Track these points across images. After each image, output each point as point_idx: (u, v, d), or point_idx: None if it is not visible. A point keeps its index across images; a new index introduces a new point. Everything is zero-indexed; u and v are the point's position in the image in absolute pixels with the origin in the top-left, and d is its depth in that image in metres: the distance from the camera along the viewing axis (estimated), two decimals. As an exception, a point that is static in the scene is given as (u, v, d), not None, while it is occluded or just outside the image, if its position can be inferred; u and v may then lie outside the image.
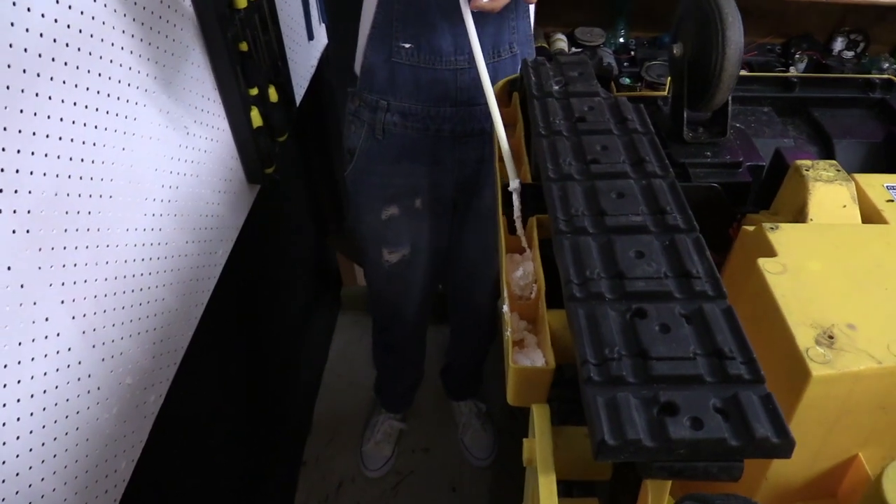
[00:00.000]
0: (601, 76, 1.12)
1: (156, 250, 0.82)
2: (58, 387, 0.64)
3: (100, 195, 0.70)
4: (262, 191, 1.19)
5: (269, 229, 1.36)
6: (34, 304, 0.61)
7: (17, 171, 0.57)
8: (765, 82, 0.95)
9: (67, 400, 0.66)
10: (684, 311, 0.45)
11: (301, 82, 1.43)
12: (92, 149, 0.68)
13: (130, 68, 0.75)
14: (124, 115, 0.74)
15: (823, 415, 0.53)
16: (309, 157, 1.69)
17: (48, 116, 0.61)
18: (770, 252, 0.60)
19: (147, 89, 0.79)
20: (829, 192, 0.66)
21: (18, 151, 0.57)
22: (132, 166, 0.76)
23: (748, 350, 0.42)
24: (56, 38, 0.62)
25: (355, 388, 1.94)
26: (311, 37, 1.47)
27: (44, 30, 0.60)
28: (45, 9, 0.60)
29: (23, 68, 0.57)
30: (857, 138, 0.86)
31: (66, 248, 0.65)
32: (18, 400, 0.59)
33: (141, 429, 0.80)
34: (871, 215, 0.66)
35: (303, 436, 1.81)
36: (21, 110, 0.57)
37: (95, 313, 0.70)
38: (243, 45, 0.98)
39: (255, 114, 1.05)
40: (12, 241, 0.57)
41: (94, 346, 0.70)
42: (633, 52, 1.89)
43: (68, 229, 0.65)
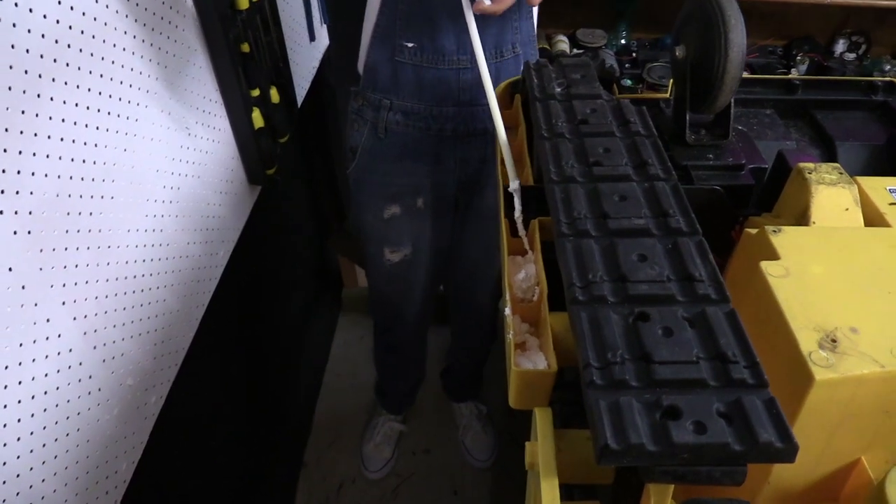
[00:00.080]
0: (603, 78, 1.12)
1: (157, 251, 0.82)
2: (59, 388, 0.64)
3: (101, 196, 0.70)
4: (264, 192, 1.19)
5: (270, 230, 1.36)
6: (35, 305, 0.60)
7: (18, 172, 0.57)
8: (767, 84, 0.95)
9: (68, 401, 0.66)
10: (687, 314, 0.45)
11: (302, 83, 1.43)
12: (93, 150, 0.68)
13: (132, 69, 0.75)
14: (126, 117, 0.74)
15: (826, 419, 0.52)
16: (310, 159, 1.69)
17: (50, 117, 0.61)
18: (772, 255, 0.60)
19: (148, 90, 0.79)
20: (832, 195, 0.66)
21: (20, 152, 0.57)
22: (133, 167, 0.76)
23: (751, 354, 0.42)
24: (58, 39, 0.62)
25: (356, 390, 1.94)
26: (312, 38, 1.47)
27: (46, 31, 0.60)
28: (47, 10, 0.60)
29: (24, 69, 0.57)
30: (860, 141, 0.86)
31: (67, 250, 0.65)
32: (19, 401, 0.59)
33: (142, 430, 0.80)
34: (873, 218, 0.66)
35: (303, 437, 1.81)
36: (23, 111, 0.57)
37: (97, 314, 0.70)
38: (245, 46, 0.98)
39: (256, 115, 1.05)
40: (13, 243, 0.57)
41: (95, 348, 0.70)
42: (634, 54, 1.88)
43: (69, 230, 0.65)
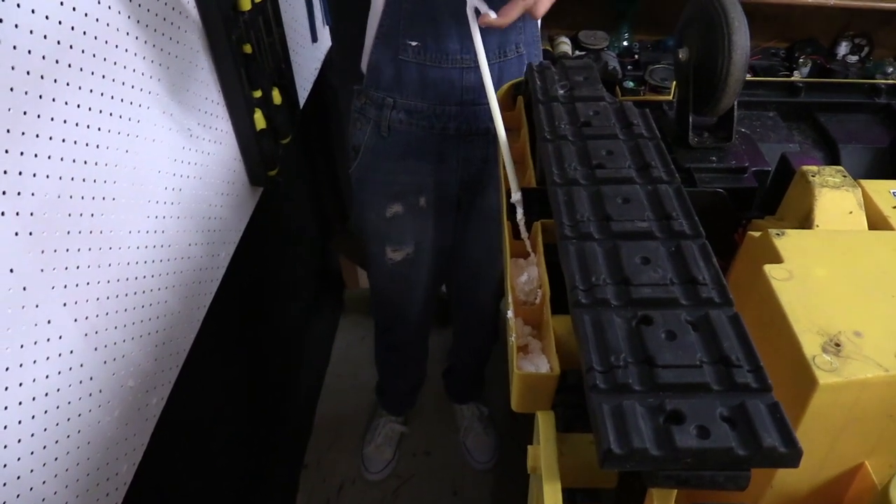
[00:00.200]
0: (606, 80, 1.11)
1: (159, 252, 0.82)
2: (59, 389, 0.64)
3: (103, 197, 0.70)
4: (265, 193, 1.19)
5: (271, 231, 1.36)
6: (36, 306, 0.60)
7: (19, 173, 0.57)
8: (770, 87, 0.95)
9: (69, 402, 0.66)
10: (690, 318, 0.45)
11: (304, 84, 1.43)
12: (95, 151, 0.68)
13: (134, 70, 0.75)
14: (127, 118, 0.74)
15: (830, 423, 0.52)
16: (312, 160, 1.68)
17: (51, 119, 0.61)
18: (776, 258, 0.59)
19: (150, 91, 0.79)
20: (836, 198, 0.65)
21: (21, 153, 0.57)
22: (135, 168, 0.76)
23: (755, 358, 0.42)
24: (60, 40, 0.62)
25: (357, 391, 1.94)
26: (314, 39, 1.47)
27: (48, 32, 0.60)
28: (50, 11, 0.60)
29: (26, 70, 0.57)
30: (863, 143, 0.86)
31: (68, 251, 0.64)
32: (20, 403, 0.59)
33: (143, 431, 0.80)
34: (877, 221, 0.66)
35: (304, 438, 1.80)
36: (24, 112, 0.57)
37: (98, 316, 0.70)
38: (247, 48, 0.98)
39: (258, 116, 1.05)
40: (15, 244, 0.57)
41: (96, 349, 0.70)
42: (636, 56, 1.88)
43: (71, 231, 0.65)
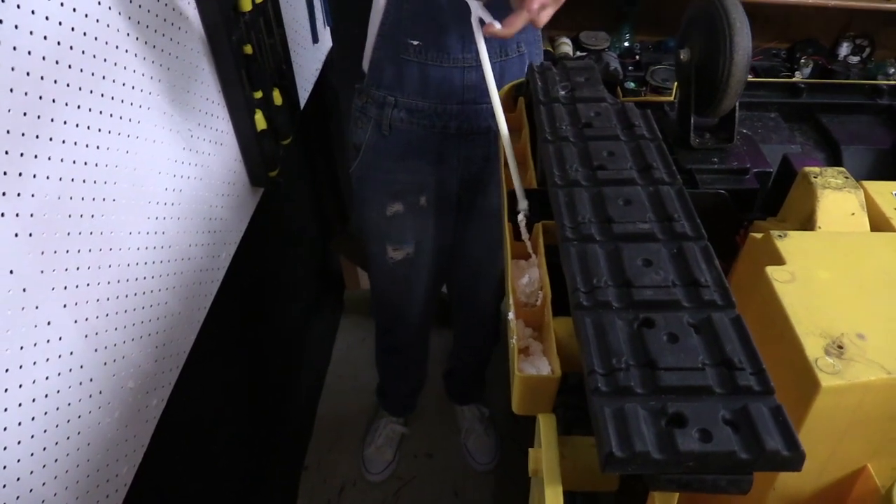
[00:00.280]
0: (608, 81, 1.11)
1: (159, 253, 0.82)
2: (59, 391, 0.64)
3: (103, 198, 0.70)
4: (266, 194, 1.19)
5: (272, 232, 1.36)
6: (36, 307, 0.60)
7: (19, 174, 0.57)
8: (771, 88, 0.95)
9: (69, 404, 0.66)
10: (693, 320, 0.44)
11: (305, 85, 1.43)
12: (95, 152, 0.68)
13: (134, 71, 0.75)
14: (128, 118, 0.74)
15: (832, 425, 0.52)
16: (313, 161, 1.68)
17: (51, 119, 0.61)
18: (778, 260, 0.59)
19: (151, 92, 0.79)
20: (838, 200, 0.65)
21: (21, 154, 0.57)
22: (136, 170, 0.76)
23: (758, 360, 0.41)
24: (60, 41, 0.61)
25: (357, 392, 1.93)
26: (315, 40, 1.47)
27: (48, 33, 0.60)
28: (50, 12, 0.60)
29: (26, 71, 0.57)
30: (865, 145, 0.86)
31: (68, 252, 0.64)
32: (20, 404, 0.59)
33: (143, 433, 0.80)
34: (879, 223, 0.66)
35: (304, 439, 1.80)
36: (24, 113, 0.57)
37: (98, 317, 0.70)
38: (248, 49, 0.98)
39: (259, 117, 1.05)
40: (15, 245, 0.57)
41: (96, 350, 0.70)
42: (637, 57, 1.88)
43: (71, 233, 0.65)
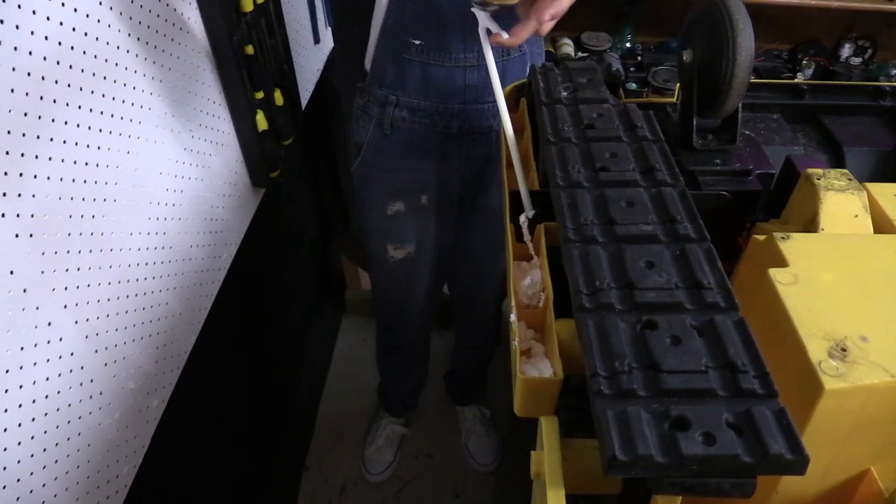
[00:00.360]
0: (610, 82, 1.11)
1: (160, 254, 0.82)
2: (60, 392, 0.64)
3: (104, 199, 0.70)
4: (267, 194, 1.19)
5: (273, 233, 1.36)
6: (37, 308, 0.60)
7: (20, 174, 0.57)
8: (774, 89, 0.95)
9: (69, 405, 0.65)
10: (695, 322, 0.44)
11: (307, 86, 1.42)
12: (96, 152, 0.68)
13: (136, 72, 0.75)
14: (129, 119, 0.74)
15: (836, 429, 0.52)
16: (314, 161, 1.68)
17: (52, 120, 0.61)
18: (781, 262, 0.59)
19: (152, 92, 0.78)
20: (841, 202, 0.65)
21: (22, 155, 0.57)
22: (137, 170, 0.76)
23: (761, 363, 0.41)
24: (61, 41, 0.61)
25: (359, 392, 1.93)
26: (317, 40, 1.47)
27: (49, 33, 0.60)
28: (51, 12, 0.60)
29: (27, 72, 0.57)
30: (868, 146, 0.85)
31: (69, 252, 0.64)
32: (20, 405, 0.59)
33: (143, 434, 0.80)
34: (883, 225, 0.65)
35: (305, 439, 1.80)
36: (25, 114, 0.57)
37: (98, 318, 0.70)
38: (249, 49, 0.98)
39: (260, 117, 1.04)
40: (15, 245, 0.57)
41: (96, 351, 0.69)
42: (639, 57, 1.87)
43: (72, 233, 0.65)
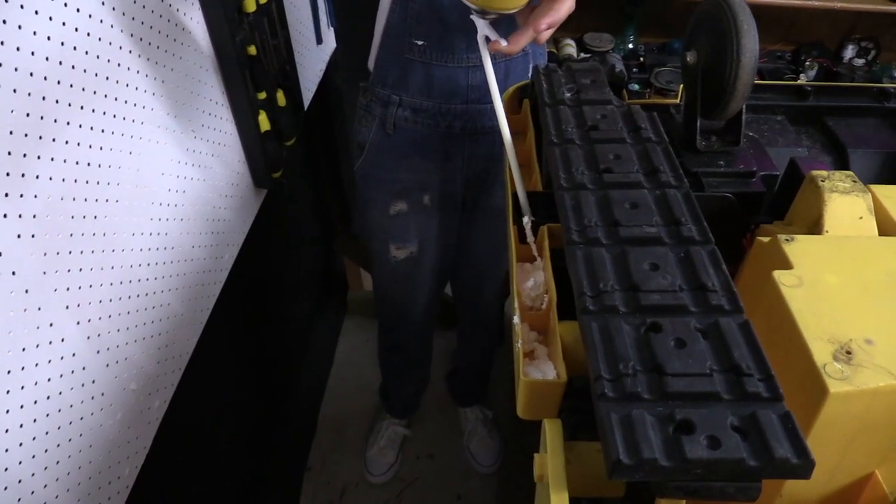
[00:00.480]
0: (612, 83, 1.10)
1: (162, 255, 0.82)
2: (61, 392, 0.64)
3: (106, 200, 0.70)
4: (269, 195, 1.19)
5: (275, 234, 1.36)
6: (39, 309, 0.60)
7: (22, 175, 0.57)
8: (778, 90, 0.95)
9: (71, 406, 0.65)
10: (700, 325, 0.44)
11: (309, 86, 1.42)
12: (98, 153, 0.68)
13: (138, 72, 0.75)
14: (131, 119, 0.74)
15: (840, 432, 0.51)
16: (316, 162, 1.68)
17: (54, 120, 0.61)
18: (785, 264, 0.59)
19: (154, 93, 0.78)
20: (846, 204, 0.65)
21: (24, 155, 0.57)
22: (139, 170, 0.76)
23: (766, 366, 0.41)
24: (63, 41, 0.61)
25: (360, 393, 1.93)
26: (319, 40, 1.47)
27: (51, 33, 0.59)
28: (53, 13, 0.60)
29: (29, 72, 0.57)
30: (873, 148, 0.85)
31: (71, 253, 0.64)
32: (22, 406, 0.58)
33: (145, 435, 0.80)
34: (887, 227, 0.65)
35: (307, 440, 1.80)
36: (27, 114, 0.57)
37: (100, 318, 0.70)
38: (252, 49, 0.98)
39: (262, 118, 1.04)
40: (17, 246, 0.57)
41: (98, 352, 0.69)
42: (642, 58, 1.87)
43: (74, 234, 0.64)
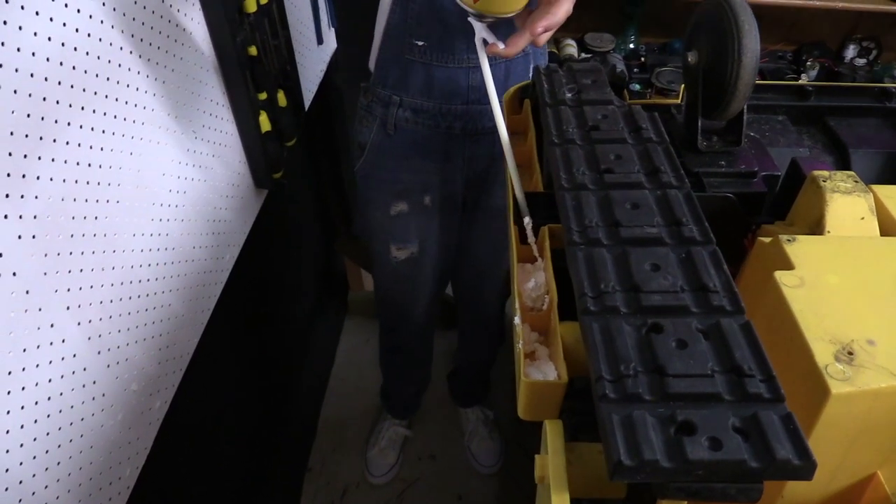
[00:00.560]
0: (613, 83, 1.10)
1: (163, 255, 0.82)
2: (62, 393, 0.64)
3: (107, 200, 0.70)
4: (270, 195, 1.19)
5: (276, 234, 1.36)
6: (39, 310, 0.60)
7: (23, 175, 0.57)
8: (779, 90, 0.94)
9: (72, 407, 0.65)
10: (701, 326, 0.44)
11: (310, 87, 1.42)
12: (99, 153, 0.68)
13: (138, 73, 0.75)
14: (132, 120, 0.74)
15: (842, 433, 0.51)
16: (317, 162, 1.68)
17: (55, 121, 0.61)
18: (787, 265, 0.59)
19: (155, 94, 0.78)
20: (847, 204, 0.65)
21: (25, 156, 0.57)
22: (139, 171, 0.76)
23: (768, 367, 0.41)
24: (64, 42, 0.61)
25: (361, 393, 1.93)
26: (320, 41, 1.47)
27: (52, 34, 0.59)
28: (53, 13, 0.60)
29: (30, 73, 0.57)
30: (874, 148, 0.85)
31: (72, 254, 0.64)
32: (22, 407, 0.58)
33: (146, 435, 0.80)
34: (889, 227, 0.65)
35: (308, 441, 1.80)
36: (28, 115, 0.57)
37: (101, 319, 0.69)
38: (252, 50, 0.98)
39: (263, 118, 1.04)
40: (18, 247, 0.57)
41: (99, 353, 0.69)
42: (643, 58, 1.87)
43: (75, 235, 0.64)
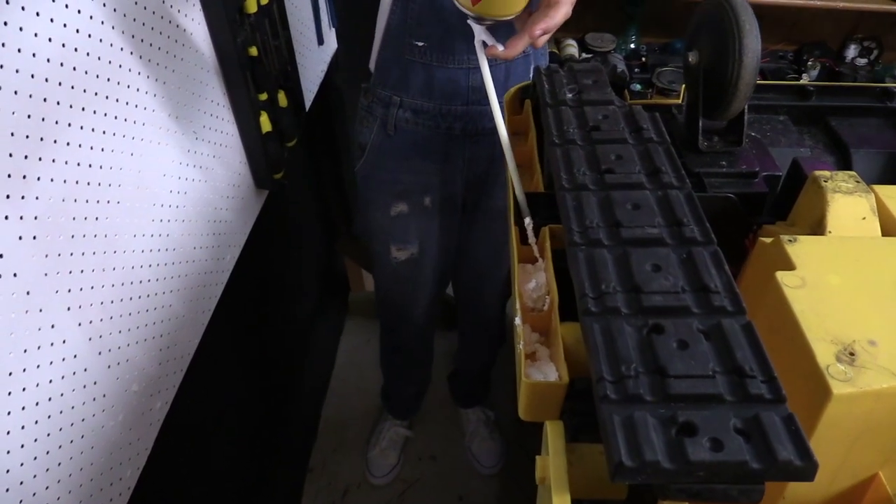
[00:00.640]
0: (614, 83, 1.10)
1: (163, 256, 0.82)
2: (63, 394, 0.64)
3: (107, 201, 0.70)
4: (271, 196, 1.19)
5: (276, 234, 1.35)
6: (40, 310, 0.60)
7: (24, 176, 0.57)
8: (780, 90, 0.94)
9: (73, 407, 0.65)
10: (702, 326, 0.44)
11: (310, 87, 1.42)
12: (100, 154, 0.68)
13: (139, 74, 0.75)
14: (132, 121, 0.74)
15: (844, 433, 0.51)
16: (318, 162, 1.68)
17: (56, 122, 0.61)
18: (788, 265, 0.58)
19: (156, 94, 0.78)
20: (849, 204, 0.64)
21: (26, 157, 0.57)
22: (140, 172, 0.76)
23: (769, 368, 0.41)
24: (64, 43, 0.61)
25: (362, 394, 1.93)
26: (321, 41, 1.47)
27: (52, 35, 0.59)
28: (54, 14, 0.60)
29: (31, 74, 0.57)
30: (875, 148, 0.85)
31: (72, 255, 0.64)
32: (23, 407, 0.58)
33: (147, 436, 0.80)
34: (891, 227, 0.65)
35: (309, 442, 1.80)
36: (28, 115, 0.57)
37: (102, 320, 0.69)
38: (253, 50, 0.98)
39: (264, 119, 1.04)
40: (19, 248, 0.57)
41: (100, 353, 0.69)
42: (644, 58, 1.87)
43: (75, 235, 0.64)
